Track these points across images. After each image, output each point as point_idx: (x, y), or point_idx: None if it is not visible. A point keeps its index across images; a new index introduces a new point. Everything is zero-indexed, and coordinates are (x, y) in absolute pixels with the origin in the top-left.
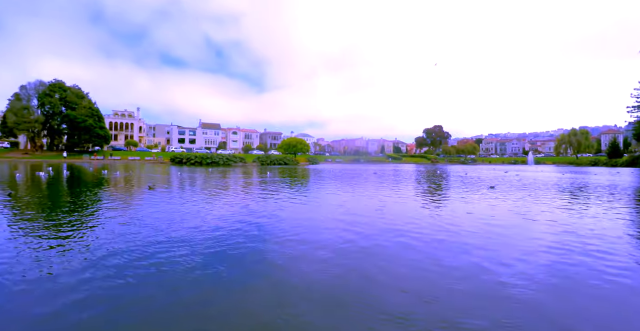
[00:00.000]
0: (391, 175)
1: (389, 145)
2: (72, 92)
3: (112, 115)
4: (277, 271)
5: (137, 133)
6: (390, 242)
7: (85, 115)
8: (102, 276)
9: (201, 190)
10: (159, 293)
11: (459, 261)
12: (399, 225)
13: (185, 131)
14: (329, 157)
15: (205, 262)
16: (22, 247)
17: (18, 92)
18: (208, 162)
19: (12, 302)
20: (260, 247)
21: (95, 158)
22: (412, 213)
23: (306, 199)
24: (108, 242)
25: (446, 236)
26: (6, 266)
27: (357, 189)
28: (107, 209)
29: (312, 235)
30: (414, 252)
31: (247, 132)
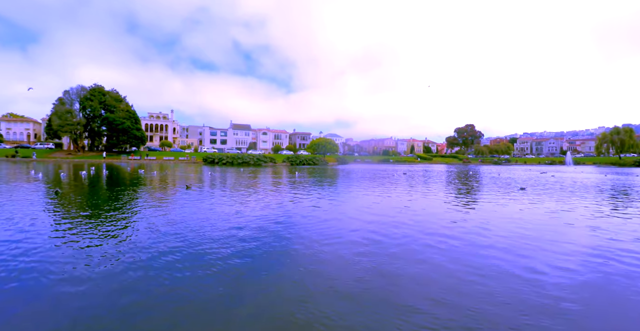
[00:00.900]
0: (421, 176)
1: (419, 145)
2: (110, 96)
3: (147, 117)
4: (302, 271)
5: (171, 134)
6: (417, 244)
7: (123, 117)
8: (136, 269)
9: (234, 189)
10: (190, 287)
11: (485, 264)
12: (427, 227)
13: (217, 132)
14: (358, 157)
15: (232, 259)
16: (67, 241)
17: (62, 97)
18: (239, 162)
19: (58, 290)
20: (288, 247)
21: (133, 158)
22: (441, 215)
23: (335, 200)
24: (146, 239)
25: (473, 239)
26: (53, 259)
27: (386, 190)
28: (147, 207)
29: (338, 236)
30: (441, 255)
31: (277, 133)
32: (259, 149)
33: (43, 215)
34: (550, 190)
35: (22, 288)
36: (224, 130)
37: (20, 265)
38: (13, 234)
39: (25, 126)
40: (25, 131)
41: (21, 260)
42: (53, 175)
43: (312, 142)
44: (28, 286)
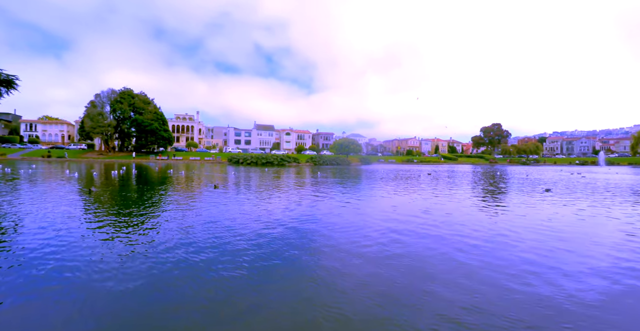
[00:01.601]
0: (446, 177)
1: (444, 144)
2: (139, 98)
3: (174, 118)
4: (327, 273)
5: (197, 135)
6: (445, 248)
7: (151, 119)
8: (159, 264)
9: (260, 189)
10: (211, 283)
11: (516, 270)
12: (453, 229)
13: (241, 132)
14: (381, 157)
15: (255, 258)
16: (100, 238)
17: (93, 100)
18: (263, 162)
19: (92, 280)
20: (314, 248)
21: (160, 158)
22: (466, 217)
23: (359, 201)
24: (174, 237)
25: (497, 242)
26: (86, 253)
27: (411, 191)
28: (176, 206)
29: (364, 238)
30: (469, 259)
31: (300, 133)
32: (282, 149)
33: (78, 213)
34: (580, 192)
35: (58, 281)
36: (248, 131)
37: (55, 260)
38: (49, 231)
39: (59, 128)
40: (59, 132)
41: (57, 257)
42: (86, 175)
43: (335, 142)
44: (63, 279)
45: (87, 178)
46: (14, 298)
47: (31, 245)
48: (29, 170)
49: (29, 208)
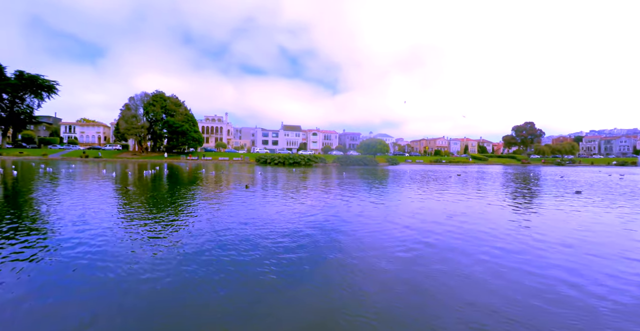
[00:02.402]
0: (476, 178)
1: (473, 144)
2: (170, 101)
3: (204, 120)
4: (348, 275)
5: (225, 136)
6: (468, 253)
7: (182, 120)
8: (189, 263)
9: (288, 190)
10: (239, 285)
11: (541, 277)
12: (479, 234)
13: (269, 133)
14: (409, 158)
15: (282, 260)
16: (134, 235)
17: (127, 103)
18: (290, 162)
19: (123, 278)
20: (338, 249)
21: (191, 158)
22: (493, 221)
23: (385, 202)
24: (205, 236)
25: (526, 247)
26: (120, 251)
27: (438, 193)
28: (210, 205)
29: (386, 241)
30: (493, 264)
31: (327, 133)
32: (309, 149)
33: (115, 211)
34: (616, 195)
35: (91, 278)
36: (275, 131)
37: (89, 257)
38: (87, 229)
39: (96, 130)
40: (96, 134)
41: (91, 254)
42: (123, 174)
43: (362, 143)
44: (96, 276)
45: (123, 177)
46: (50, 293)
47: (69, 241)
48: (68, 169)
49: (70, 206)
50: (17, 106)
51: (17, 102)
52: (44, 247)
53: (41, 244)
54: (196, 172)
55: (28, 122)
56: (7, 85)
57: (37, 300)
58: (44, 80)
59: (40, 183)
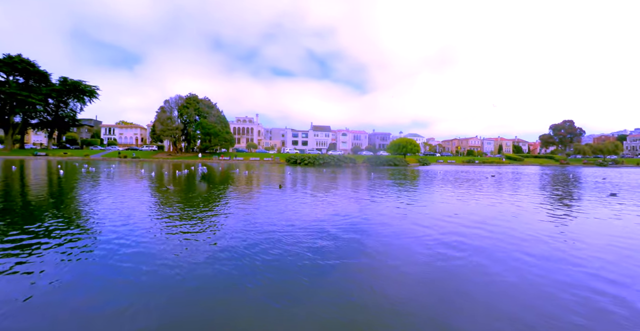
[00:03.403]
0: (511, 179)
1: (508, 144)
2: (203, 103)
3: (235, 121)
4: (373, 280)
5: (256, 136)
6: (499, 259)
7: (214, 122)
8: (222, 261)
9: (319, 190)
10: (270, 285)
11: (580, 288)
12: (512, 239)
13: (298, 133)
14: (440, 158)
15: (310, 262)
16: (172, 232)
17: (163, 106)
18: (320, 162)
19: (159, 274)
20: (365, 252)
21: (223, 158)
22: (528, 226)
23: (415, 204)
24: (241, 235)
25: (563, 255)
26: (158, 248)
27: (470, 195)
28: (244, 204)
29: (414, 245)
30: (525, 273)
31: (356, 133)
32: (338, 150)
33: (156, 208)
34: None
35: (128, 274)
36: (305, 132)
37: (129, 253)
38: (129, 225)
39: (134, 131)
40: (134, 135)
41: (131, 249)
42: (160, 174)
43: (392, 143)
44: (133, 272)
45: (162, 177)
46: (88, 287)
47: (110, 237)
48: (109, 169)
49: (113, 203)
50: (62, 110)
51: (62, 106)
52: (87, 239)
53: (84, 236)
54: (229, 172)
55: (71, 124)
56: (53, 91)
57: (75, 290)
58: (86, 85)
59: (85, 182)
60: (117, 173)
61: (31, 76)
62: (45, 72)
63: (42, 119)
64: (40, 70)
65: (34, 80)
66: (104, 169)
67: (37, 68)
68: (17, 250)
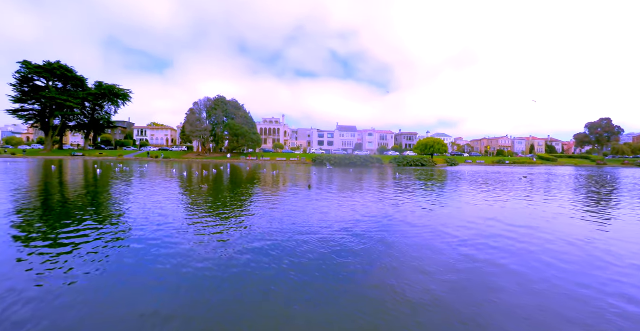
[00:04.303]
0: (544, 181)
1: (540, 144)
2: (231, 105)
3: (262, 122)
4: (395, 285)
5: (282, 137)
6: (526, 266)
7: (242, 123)
8: (248, 260)
9: (347, 191)
10: (291, 286)
11: (622, 300)
12: (542, 245)
13: (324, 134)
14: (469, 158)
15: (332, 264)
16: (203, 229)
17: (192, 108)
18: (346, 163)
19: (191, 270)
20: (385, 255)
21: (250, 159)
22: (561, 231)
23: (441, 207)
24: (267, 232)
25: (603, 264)
26: (190, 246)
27: (500, 197)
28: (276, 205)
29: (439, 249)
30: (555, 280)
31: (382, 133)
32: (364, 150)
33: (190, 206)
34: None
35: (160, 269)
36: (331, 132)
37: (163, 249)
38: (162, 222)
39: (164, 133)
40: (164, 137)
41: (165, 246)
42: (192, 174)
43: (419, 142)
44: (164, 267)
45: (194, 177)
46: (118, 287)
47: (144, 236)
48: (142, 168)
49: (149, 203)
50: (98, 113)
51: (97, 109)
52: (122, 237)
53: (120, 235)
54: (258, 172)
55: (106, 126)
56: (89, 95)
57: (104, 289)
58: (120, 89)
59: (121, 182)
60: (150, 172)
61: (69, 81)
62: (82, 77)
63: (79, 122)
64: (78, 75)
65: (71, 85)
66: (137, 169)
67: (75, 73)
68: (52, 248)
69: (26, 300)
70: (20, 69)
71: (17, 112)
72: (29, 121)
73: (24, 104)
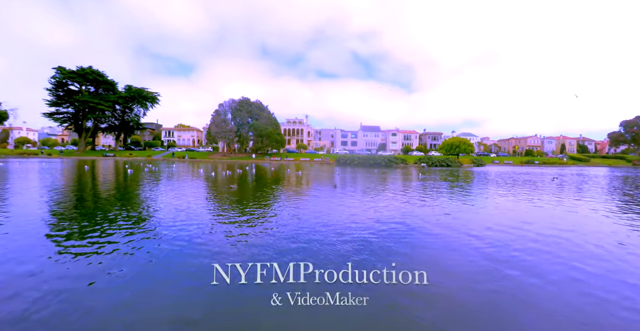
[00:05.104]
0: (575, 182)
1: (571, 143)
2: (255, 106)
3: (285, 123)
4: (417, 290)
5: (305, 137)
6: (555, 275)
7: (266, 124)
8: (264, 250)
9: (372, 191)
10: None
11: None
12: (572, 254)
13: (347, 134)
14: (496, 158)
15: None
16: (232, 230)
17: (217, 109)
18: (370, 163)
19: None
20: (408, 257)
21: (274, 159)
22: (596, 238)
23: (466, 209)
24: (293, 233)
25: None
26: (219, 247)
27: (528, 200)
28: (303, 204)
29: (457, 257)
30: (586, 289)
31: (406, 133)
32: (388, 150)
33: (221, 205)
34: None
35: (189, 265)
36: (354, 132)
37: (191, 249)
38: (193, 222)
39: (191, 134)
40: (191, 137)
41: (193, 247)
42: (219, 174)
43: (444, 142)
44: (192, 264)
45: (223, 177)
46: (142, 287)
47: (173, 236)
48: (170, 168)
49: (180, 202)
50: (127, 115)
51: (127, 112)
52: (152, 236)
53: (150, 234)
54: (283, 172)
55: (136, 128)
56: (119, 98)
57: (128, 289)
58: (148, 92)
59: (152, 181)
60: (178, 172)
61: (100, 85)
62: (113, 81)
63: (110, 123)
64: (108, 79)
65: (103, 89)
66: (165, 169)
67: (106, 78)
68: (80, 247)
69: (51, 298)
70: (55, 74)
71: (53, 115)
72: (64, 123)
73: (59, 107)
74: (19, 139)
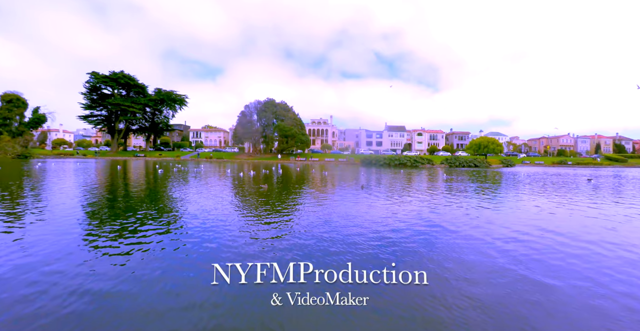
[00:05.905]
0: (612, 185)
1: (607, 142)
2: (280, 107)
3: (310, 123)
4: (438, 293)
5: (330, 137)
6: (584, 285)
7: (291, 124)
8: (285, 249)
9: (398, 191)
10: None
11: None
12: (607, 259)
13: (372, 134)
14: (526, 158)
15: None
16: (258, 231)
17: (243, 110)
18: (396, 163)
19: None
20: (432, 261)
21: (299, 159)
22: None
23: (493, 213)
24: (319, 233)
25: None
26: (245, 246)
27: (561, 204)
28: (332, 204)
29: (488, 259)
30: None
31: (432, 133)
32: (413, 150)
33: (250, 207)
34: None
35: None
36: (379, 132)
37: (218, 251)
38: (224, 222)
39: (217, 134)
40: (217, 138)
41: (220, 247)
42: (247, 174)
43: (471, 142)
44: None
45: (251, 177)
46: (163, 285)
47: (200, 235)
48: (198, 168)
49: (211, 202)
50: (157, 117)
51: (157, 114)
52: (178, 235)
53: (175, 232)
54: (308, 172)
55: (165, 129)
56: (150, 101)
57: (150, 286)
58: (177, 95)
59: (181, 181)
60: (206, 172)
61: (131, 89)
62: (143, 85)
63: (141, 125)
64: (139, 83)
65: (134, 92)
66: (193, 169)
67: (136, 81)
68: (107, 245)
69: (75, 298)
70: (90, 79)
71: (87, 118)
72: (98, 125)
73: (93, 110)
74: (56, 140)
